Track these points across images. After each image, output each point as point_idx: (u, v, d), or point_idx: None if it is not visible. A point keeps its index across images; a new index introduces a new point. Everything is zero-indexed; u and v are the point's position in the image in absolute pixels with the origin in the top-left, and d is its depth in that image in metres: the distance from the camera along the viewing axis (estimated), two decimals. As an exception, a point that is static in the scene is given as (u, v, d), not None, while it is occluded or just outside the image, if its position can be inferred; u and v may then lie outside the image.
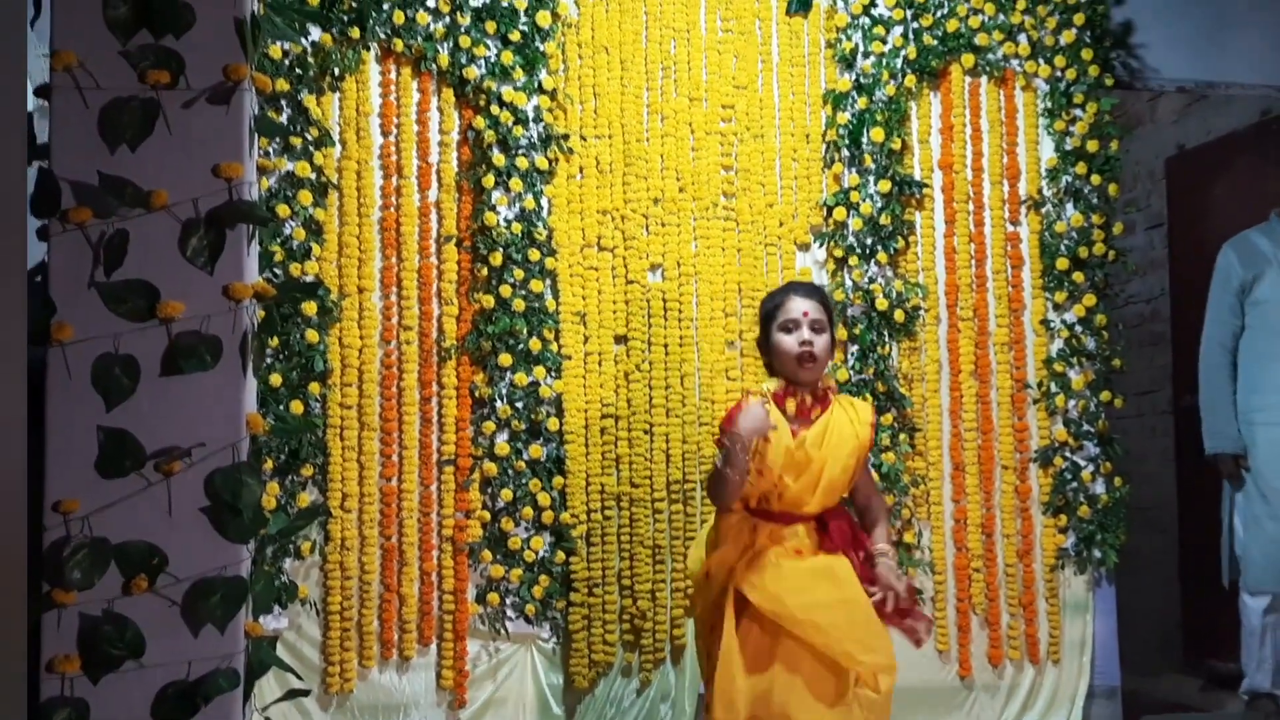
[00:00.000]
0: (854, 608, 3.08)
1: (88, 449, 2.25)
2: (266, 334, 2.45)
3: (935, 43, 4.36)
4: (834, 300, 3.39)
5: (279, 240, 3.83)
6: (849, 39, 4.33)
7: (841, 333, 4.24)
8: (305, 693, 2.65)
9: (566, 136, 4.12)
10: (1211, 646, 5.22)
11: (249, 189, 2.39)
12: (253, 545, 2.37)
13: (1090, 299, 4.38)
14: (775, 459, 3.13)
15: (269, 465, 3.80)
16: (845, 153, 4.30)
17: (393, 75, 4.04)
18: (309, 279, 3.78)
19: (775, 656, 3.06)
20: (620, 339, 4.16)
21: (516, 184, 4.04)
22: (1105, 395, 4.40)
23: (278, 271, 3.82)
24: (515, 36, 4.07)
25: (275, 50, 3.83)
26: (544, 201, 4.10)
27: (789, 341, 3.18)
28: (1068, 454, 4.38)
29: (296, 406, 3.76)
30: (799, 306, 3.20)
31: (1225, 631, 4.89)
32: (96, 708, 2.18)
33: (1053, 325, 4.40)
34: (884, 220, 4.28)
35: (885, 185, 4.28)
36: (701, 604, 3.23)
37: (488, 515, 4.01)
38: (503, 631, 4.02)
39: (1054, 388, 4.37)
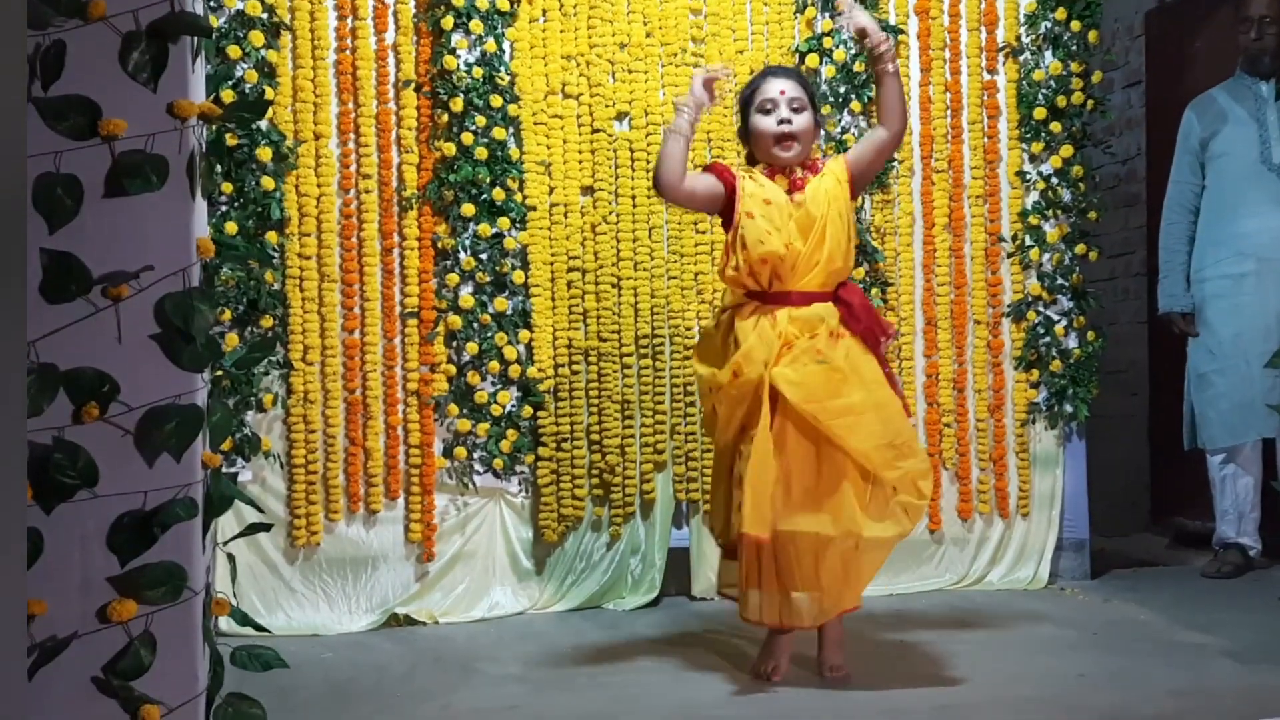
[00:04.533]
0: (887, 412, 3.11)
1: (31, 272, 2.14)
2: (215, 156, 2.34)
3: (911, -120, 4.22)
4: (812, 83, 3.36)
5: (230, 84, 3.69)
6: (822, -124, 4.17)
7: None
8: (267, 527, 2.58)
9: (528, -25, 3.98)
10: (1178, 505, 5.25)
11: (191, 1, 2.26)
12: (208, 375, 2.28)
13: (1067, 150, 4.30)
14: (781, 223, 3.12)
15: (227, 317, 3.70)
16: (818, -4, 4.18)
17: (345, -91, 3.88)
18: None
19: (820, 478, 3.06)
20: (586, 190, 4.06)
21: (477, 26, 3.90)
22: (1080, 248, 4.35)
23: (231, 117, 3.67)
24: None
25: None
26: (506, 45, 3.97)
27: (767, 122, 3.16)
28: (1041, 308, 4.33)
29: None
30: (775, 86, 3.18)
31: (1192, 490, 4.92)
32: (51, 538, 2.10)
33: (1029, 177, 4.32)
34: (858, 68, 4.17)
35: (859, 31, 4.16)
36: (727, 405, 3.15)
37: (453, 369, 3.95)
38: (470, 486, 3.97)
39: (1029, 241, 4.31)
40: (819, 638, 3.20)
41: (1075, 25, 4.29)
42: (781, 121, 3.14)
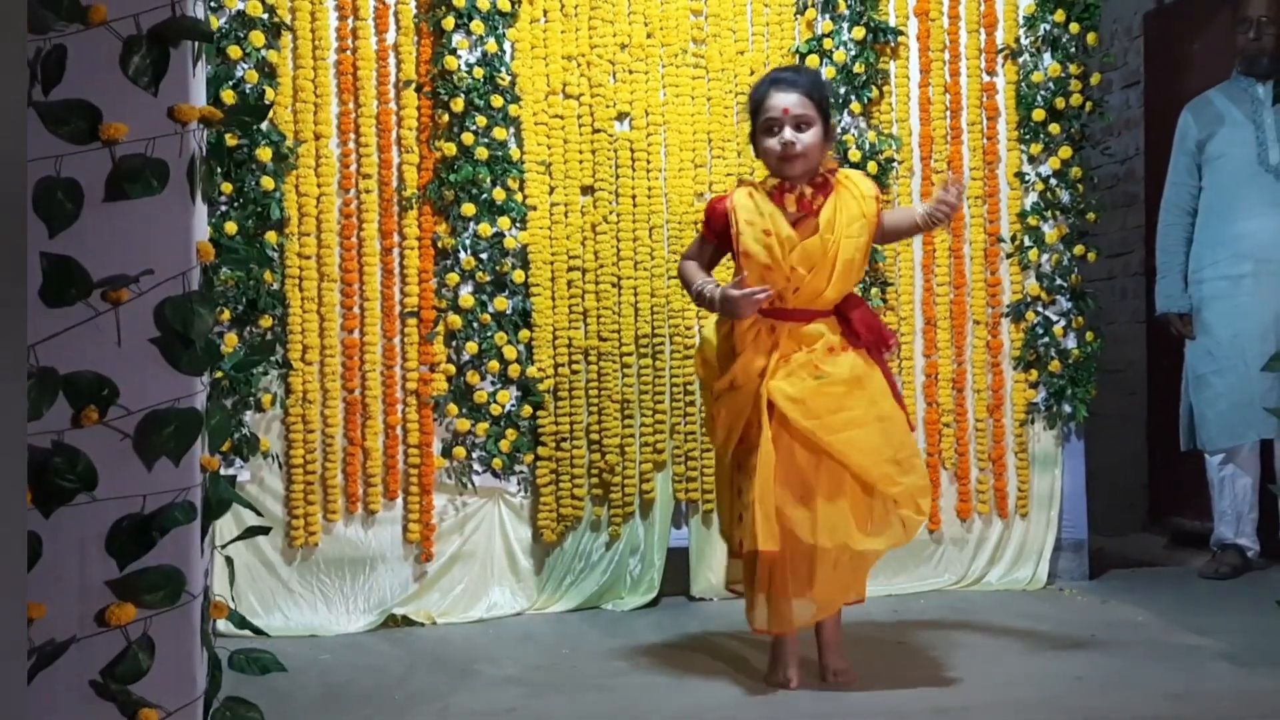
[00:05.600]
0: (890, 425, 3.06)
1: (31, 276, 2.14)
2: (215, 160, 2.34)
3: (912, -118, 4.22)
4: (826, 82, 3.25)
5: (231, 84, 3.69)
6: (823, -123, 4.18)
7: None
8: (265, 530, 2.59)
9: (529, -24, 3.98)
10: (1176, 505, 5.26)
11: (193, 5, 2.26)
12: (207, 378, 2.28)
13: (1066, 151, 4.30)
14: (781, 255, 3.06)
15: (226, 317, 3.71)
16: (818, -3, 4.18)
17: (346, -90, 3.88)
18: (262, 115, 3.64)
19: (817, 485, 3.02)
20: (587, 189, 4.07)
21: (478, 26, 3.90)
22: (1079, 249, 4.35)
23: (231, 117, 3.67)
24: None
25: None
26: (507, 46, 3.97)
27: (771, 143, 3.10)
28: (1040, 309, 4.33)
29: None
30: (779, 104, 3.08)
31: (1190, 490, 4.93)
32: (49, 542, 2.11)
33: (1027, 178, 4.32)
34: (858, 69, 4.17)
35: (859, 32, 4.16)
36: (726, 415, 3.14)
37: (453, 368, 3.95)
38: (469, 485, 3.98)
39: (1027, 241, 4.31)
40: (818, 642, 3.19)
41: (1074, 27, 4.29)
42: (785, 144, 3.07)
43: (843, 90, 4.17)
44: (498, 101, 3.93)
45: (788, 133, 3.07)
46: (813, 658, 3.21)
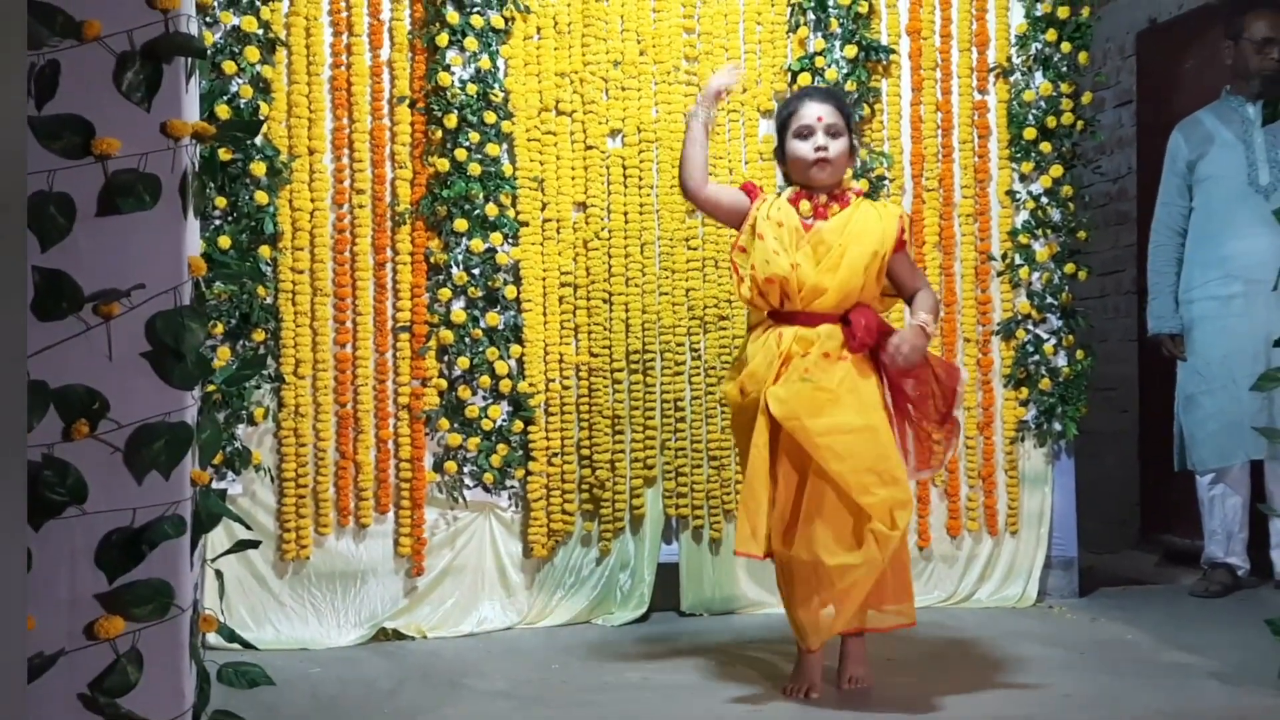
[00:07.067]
0: (876, 436, 3.09)
1: (23, 290, 2.15)
2: (208, 175, 2.35)
3: (904, -98, 4.25)
4: (851, 105, 3.43)
5: (226, 99, 3.70)
6: (815, -103, 4.20)
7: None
8: (255, 544, 2.59)
9: (524, -7, 4.00)
10: (1168, 522, 5.27)
11: (187, 22, 2.27)
12: (198, 392, 2.29)
13: (1057, 170, 4.32)
14: (788, 245, 3.14)
15: (219, 330, 3.71)
16: (811, 16, 4.20)
17: (342, -74, 3.90)
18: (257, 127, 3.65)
19: (801, 500, 3.07)
20: (579, 206, 4.08)
21: (471, 43, 3.92)
22: (1069, 268, 4.36)
23: (225, 132, 3.69)
24: (468, -114, 3.92)
25: (218, -102, 3.67)
26: (500, 62, 3.99)
27: (803, 148, 3.19)
28: (1030, 326, 4.35)
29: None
30: (813, 112, 3.20)
31: (1182, 507, 4.94)
32: (39, 554, 2.10)
33: (1018, 196, 4.34)
34: (850, 87, 4.19)
35: (851, 51, 4.18)
36: (741, 426, 3.23)
37: (444, 383, 3.96)
38: (460, 500, 3.98)
39: (1018, 260, 4.33)
40: (840, 651, 3.25)
41: (1065, 47, 4.31)
42: (818, 149, 3.17)
43: (835, 108, 4.19)
44: (491, 118, 3.94)
45: (820, 138, 3.18)
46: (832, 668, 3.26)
